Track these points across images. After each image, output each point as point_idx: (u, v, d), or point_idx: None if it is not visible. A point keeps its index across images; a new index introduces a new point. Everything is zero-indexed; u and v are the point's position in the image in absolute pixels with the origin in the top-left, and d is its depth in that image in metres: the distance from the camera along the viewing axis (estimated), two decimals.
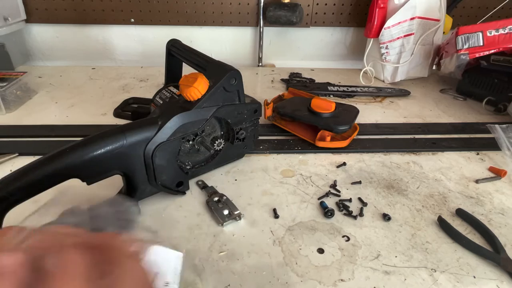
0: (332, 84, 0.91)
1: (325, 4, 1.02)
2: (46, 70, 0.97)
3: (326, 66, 1.12)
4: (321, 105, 0.64)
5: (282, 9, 0.95)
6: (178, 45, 0.61)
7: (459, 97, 0.87)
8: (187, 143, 0.50)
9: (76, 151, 0.38)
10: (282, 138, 0.65)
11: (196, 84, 0.45)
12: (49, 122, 0.69)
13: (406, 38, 0.89)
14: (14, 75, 0.78)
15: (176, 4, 0.99)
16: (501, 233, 0.45)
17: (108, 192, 0.49)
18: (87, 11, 0.99)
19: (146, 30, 1.04)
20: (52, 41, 1.04)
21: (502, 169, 0.56)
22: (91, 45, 1.05)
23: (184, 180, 0.50)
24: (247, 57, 1.11)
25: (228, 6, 1.00)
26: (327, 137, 0.61)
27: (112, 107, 0.74)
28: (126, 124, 0.43)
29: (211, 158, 0.54)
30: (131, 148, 0.42)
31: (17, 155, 0.57)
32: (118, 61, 1.09)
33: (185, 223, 0.45)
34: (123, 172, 0.44)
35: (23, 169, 0.37)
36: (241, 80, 0.50)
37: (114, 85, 0.89)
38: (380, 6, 0.88)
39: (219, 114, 0.50)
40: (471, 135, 0.69)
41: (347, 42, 1.11)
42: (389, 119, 0.75)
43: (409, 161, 0.60)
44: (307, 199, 0.50)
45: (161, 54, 0.65)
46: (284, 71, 1.02)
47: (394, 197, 0.51)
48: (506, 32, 0.77)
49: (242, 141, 0.56)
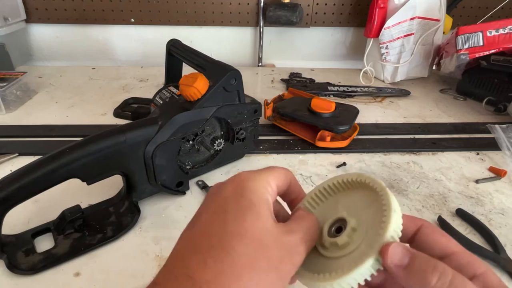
0: (332, 84, 0.91)
1: (325, 4, 1.02)
2: (46, 70, 0.97)
3: (326, 66, 1.12)
4: (321, 105, 0.64)
5: (282, 9, 0.95)
6: (178, 45, 0.61)
7: (459, 97, 0.87)
8: (187, 143, 0.50)
9: (76, 151, 0.38)
10: (282, 138, 0.65)
11: (196, 84, 0.45)
12: (49, 122, 0.69)
13: (406, 38, 0.89)
14: (14, 75, 0.78)
15: (176, 4, 0.99)
16: (501, 233, 0.45)
17: (108, 192, 0.49)
18: (87, 11, 0.99)
19: (146, 30, 1.04)
20: (52, 41, 1.04)
21: (502, 169, 0.56)
22: (91, 45, 1.05)
23: (184, 180, 0.50)
24: (247, 57, 1.11)
25: (228, 6, 1.00)
26: (327, 137, 0.61)
27: (112, 107, 0.74)
28: (126, 124, 0.43)
29: (211, 158, 0.54)
30: (131, 148, 0.42)
31: (17, 155, 0.57)
32: (118, 61, 1.09)
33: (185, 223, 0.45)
34: (123, 172, 0.44)
35: (23, 169, 0.37)
36: (241, 80, 0.50)
37: (114, 85, 0.89)
38: (380, 6, 0.88)
39: (219, 114, 0.50)
40: (471, 135, 0.69)
41: (347, 42, 1.11)
42: (389, 119, 0.75)
43: (409, 161, 0.60)
44: None
45: (161, 54, 0.65)
46: (284, 71, 1.02)
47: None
48: (506, 32, 0.76)
49: (242, 141, 0.56)
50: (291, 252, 0.22)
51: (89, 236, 0.42)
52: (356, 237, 0.23)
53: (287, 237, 0.22)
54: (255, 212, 0.22)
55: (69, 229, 0.42)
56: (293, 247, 0.22)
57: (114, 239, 0.42)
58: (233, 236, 0.21)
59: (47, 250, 0.40)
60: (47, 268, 0.38)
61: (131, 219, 0.44)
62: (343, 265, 0.22)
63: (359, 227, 0.24)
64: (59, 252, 0.40)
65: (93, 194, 0.48)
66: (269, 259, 0.21)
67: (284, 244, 0.22)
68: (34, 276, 0.38)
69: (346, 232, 0.23)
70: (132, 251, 0.41)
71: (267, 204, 0.23)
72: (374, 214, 0.23)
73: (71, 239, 0.42)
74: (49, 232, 0.43)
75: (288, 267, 0.21)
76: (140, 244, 0.42)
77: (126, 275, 0.38)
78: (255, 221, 0.22)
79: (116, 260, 0.40)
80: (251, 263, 0.20)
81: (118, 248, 0.42)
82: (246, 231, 0.21)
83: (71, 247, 0.41)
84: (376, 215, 0.23)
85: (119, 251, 0.41)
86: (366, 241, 0.22)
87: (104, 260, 0.40)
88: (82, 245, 0.41)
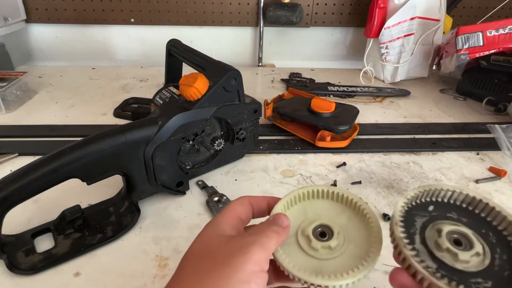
0: (332, 84, 0.91)
1: (325, 4, 1.02)
2: (46, 70, 0.97)
3: (326, 66, 1.12)
4: (321, 105, 0.64)
5: (282, 9, 0.95)
6: (178, 45, 0.61)
7: (459, 97, 0.87)
8: (187, 143, 0.50)
9: (76, 151, 0.38)
10: (282, 138, 0.65)
11: (196, 84, 0.45)
12: (49, 122, 0.69)
13: (406, 38, 0.89)
14: (14, 75, 0.78)
15: (176, 4, 0.99)
16: None
17: (108, 192, 0.49)
18: (87, 11, 0.99)
19: (146, 30, 1.04)
20: (52, 41, 1.04)
21: (502, 169, 0.56)
22: (91, 45, 1.05)
23: (184, 180, 0.50)
24: (247, 57, 1.11)
25: (228, 6, 1.00)
26: (327, 137, 0.61)
27: (112, 107, 0.74)
28: (126, 124, 0.43)
29: (211, 158, 0.54)
30: (131, 148, 0.42)
31: (17, 155, 0.57)
32: (118, 61, 1.09)
33: (185, 223, 0.45)
34: (123, 172, 0.44)
35: (23, 169, 0.37)
36: (241, 80, 0.50)
37: (114, 85, 0.89)
38: (380, 6, 0.88)
39: (219, 114, 0.50)
40: (471, 135, 0.69)
41: (347, 42, 1.11)
42: (389, 119, 0.75)
43: (409, 161, 0.60)
44: None
45: (161, 54, 0.65)
46: (284, 71, 1.02)
47: (394, 197, 0.51)
48: (506, 32, 0.76)
49: (242, 141, 0.56)
50: (240, 245, 0.24)
51: (89, 236, 0.42)
52: (341, 240, 0.28)
53: (236, 238, 0.26)
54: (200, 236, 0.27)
55: (69, 229, 0.42)
56: (242, 241, 0.25)
57: (114, 239, 0.42)
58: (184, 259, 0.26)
59: (47, 250, 0.40)
60: (47, 268, 0.38)
61: (131, 219, 0.44)
62: (342, 266, 0.26)
63: (340, 232, 0.28)
64: (59, 252, 0.40)
65: (93, 194, 0.48)
66: (216, 258, 0.24)
67: (232, 242, 0.25)
68: (34, 276, 0.38)
69: (335, 236, 0.28)
70: (132, 251, 0.41)
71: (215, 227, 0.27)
72: (350, 220, 0.29)
73: (71, 239, 0.42)
74: (49, 232, 0.43)
75: (241, 259, 0.23)
76: (140, 244, 0.42)
77: (126, 275, 0.38)
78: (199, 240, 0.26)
79: (116, 260, 0.40)
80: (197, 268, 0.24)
81: (118, 248, 0.42)
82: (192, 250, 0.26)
83: (71, 247, 0.41)
84: (353, 221, 0.29)
85: (119, 251, 0.41)
86: (351, 244, 0.28)
87: (104, 260, 0.40)
88: (82, 245, 0.41)
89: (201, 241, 0.26)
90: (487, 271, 0.23)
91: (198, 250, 0.25)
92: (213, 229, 0.27)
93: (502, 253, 0.24)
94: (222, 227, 0.27)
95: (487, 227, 0.26)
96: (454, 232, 0.25)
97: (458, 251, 0.24)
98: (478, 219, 0.26)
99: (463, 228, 0.25)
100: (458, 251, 0.24)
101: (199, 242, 0.26)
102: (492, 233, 0.25)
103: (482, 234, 0.25)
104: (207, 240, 0.26)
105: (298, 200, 0.32)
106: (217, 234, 0.26)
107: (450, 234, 0.25)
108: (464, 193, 0.27)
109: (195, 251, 0.26)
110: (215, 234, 0.26)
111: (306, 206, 0.31)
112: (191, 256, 0.25)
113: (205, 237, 0.26)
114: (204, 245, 0.26)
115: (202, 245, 0.26)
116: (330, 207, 0.31)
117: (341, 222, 0.29)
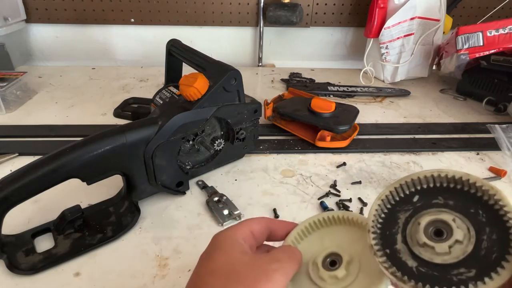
0: (332, 84, 0.91)
1: (325, 4, 1.02)
2: (46, 70, 0.97)
3: (326, 66, 1.12)
4: (321, 105, 0.64)
5: (282, 9, 0.95)
6: (178, 45, 0.61)
7: (459, 97, 0.87)
8: (187, 143, 0.50)
9: (76, 151, 0.38)
10: (282, 138, 0.65)
11: (196, 84, 0.45)
12: (49, 122, 0.69)
13: (406, 38, 0.89)
14: (14, 75, 0.77)
15: (176, 4, 0.99)
16: None
17: (108, 192, 0.49)
18: (87, 11, 0.98)
19: (146, 30, 1.04)
20: (52, 41, 1.04)
21: (502, 169, 0.56)
22: (91, 45, 1.05)
23: (184, 180, 0.50)
24: (247, 57, 1.11)
25: (228, 6, 1.00)
26: (327, 137, 0.61)
27: (112, 107, 0.74)
28: (126, 124, 0.43)
29: (211, 158, 0.54)
30: (131, 148, 0.42)
31: (17, 155, 0.57)
32: (118, 61, 1.09)
33: (185, 223, 0.45)
34: (123, 172, 0.44)
35: (23, 169, 0.37)
36: (241, 80, 0.50)
37: (114, 85, 0.89)
38: (380, 6, 0.88)
39: (219, 114, 0.50)
40: (471, 135, 0.69)
41: (347, 42, 1.11)
42: (389, 119, 0.75)
43: (409, 161, 0.60)
44: (307, 199, 0.50)
45: (161, 54, 0.65)
46: (284, 71, 1.02)
47: None
48: (506, 32, 0.76)
49: (242, 141, 0.56)
50: (266, 271, 0.24)
51: (89, 236, 0.42)
52: (352, 269, 0.26)
53: (259, 260, 0.25)
54: (223, 250, 0.26)
55: (69, 229, 0.42)
56: (267, 266, 0.24)
57: (114, 239, 0.42)
58: (206, 274, 0.25)
59: (47, 250, 0.40)
60: (47, 268, 0.38)
61: (131, 219, 0.44)
62: None
63: (352, 260, 0.26)
64: (59, 252, 0.40)
65: (93, 194, 0.48)
66: (243, 281, 0.23)
67: (257, 265, 0.24)
68: (34, 276, 0.38)
69: (343, 265, 0.26)
70: (132, 251, 0.41)
71: (236, 243, 0.27)
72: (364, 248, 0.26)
73: (71, 239, 0.42)
74: (49, 232, 0.43)
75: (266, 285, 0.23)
76: (140, 244, 0.42)
77: (126, 275, 0.38)
78: (223, 256, 0.26)
79: (116, 260, 0.40)
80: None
81: (118, 248, 0.42)
82: (216, 266, 0.25)
83: (71, 247, 0.41)
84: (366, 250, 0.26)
85: (119, 251, 0.41)
86: (363, 273, 0.25)
87: (104, 260, 0.40)
88: (82, 245, 0.41)
89: (222, 256, 0.26)
90: (471, 258, 0.21)
91: (222, 268, 0.25)
92: (232, 242, 0.27)
93: (492, 232, 0.22)
94: (238, 241, 0.27)
95: (476, 205, 0.23)
96: (434, 222, 0.23)
97: (434, 244, 0.22)
98: (467, 197, 0.24)
99: (444, 215, 0.23)
100: (434, 244, 0.22)
101: (219, 256, 0.26)
102: (482, 211, 0.23)
103: (469, 214, 0.23)
104: (229, 257, 0.26)
105: (316, 226, 0.30)
106: (239, 250, 0.26)
107: (430, 225, 0.23)
108: (442, 174, 0.24)
109: (218, 268, 0.25)
110: (238, 251, 0.26)
111: (324, 233, 0.30)
112: (217, 273, 0.25)
113: (225, 252, 0.26)
114: (226, 263, 0.25)
115: (225, 262, 0.25)
116: (347, 234, 0.28)
117: (355, 250, 0.27)
